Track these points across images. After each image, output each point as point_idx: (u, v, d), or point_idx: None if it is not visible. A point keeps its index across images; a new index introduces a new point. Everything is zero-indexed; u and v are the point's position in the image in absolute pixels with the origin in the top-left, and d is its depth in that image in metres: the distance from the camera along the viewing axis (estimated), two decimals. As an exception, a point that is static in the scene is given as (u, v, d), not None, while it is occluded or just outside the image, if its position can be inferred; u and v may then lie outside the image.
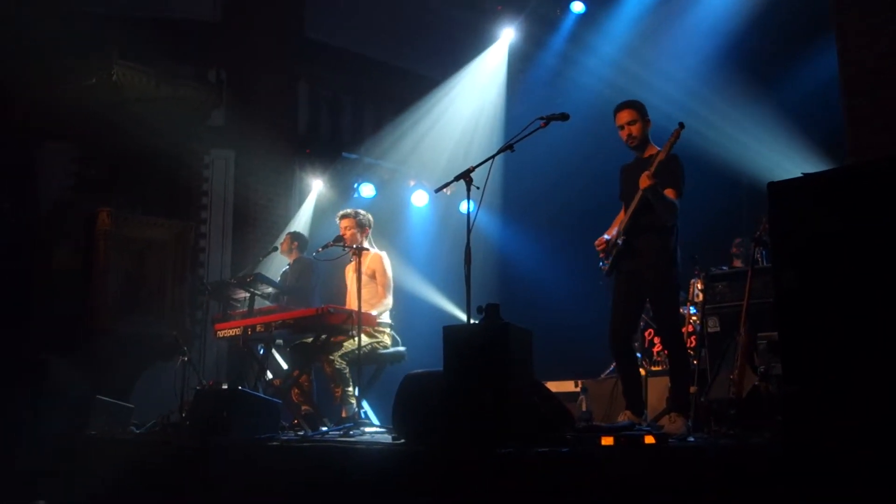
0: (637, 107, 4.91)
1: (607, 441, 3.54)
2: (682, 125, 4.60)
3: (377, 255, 6.27)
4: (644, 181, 4.56)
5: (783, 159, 7.41)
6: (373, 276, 6.20)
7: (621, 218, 5.01)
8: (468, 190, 4.50)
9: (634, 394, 4.87)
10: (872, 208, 2.64)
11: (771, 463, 3.39)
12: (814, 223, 2.77)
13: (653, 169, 4.58)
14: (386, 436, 4.89)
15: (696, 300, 6.71)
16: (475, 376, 3.66)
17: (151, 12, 8.63)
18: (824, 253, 2.73)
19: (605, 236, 5.01)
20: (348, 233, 6.23)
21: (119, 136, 7.63)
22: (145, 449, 5.42)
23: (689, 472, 3.58)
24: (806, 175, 2.89)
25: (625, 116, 4.90)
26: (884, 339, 2.55)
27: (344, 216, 6.35)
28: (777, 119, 7.65)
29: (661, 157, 4.62)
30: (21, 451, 5.84)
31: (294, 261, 7.55)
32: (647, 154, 4.88)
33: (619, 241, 4.84)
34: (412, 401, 4.18)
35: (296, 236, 7.77)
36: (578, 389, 6.70)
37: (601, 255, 4.99)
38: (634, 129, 4.87)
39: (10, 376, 6.51)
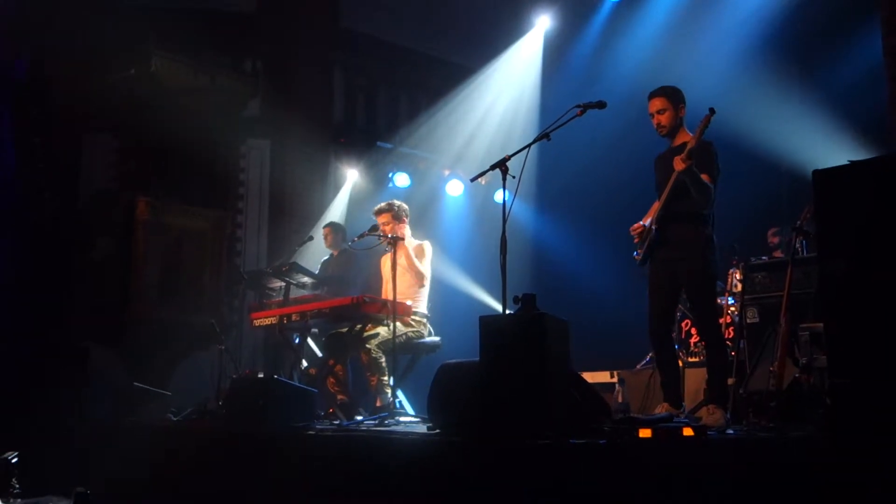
0: (669, 94, 4.82)
1: (645, 433, 3.50)
2: (712, 111, 4.51)
3: (420, 245, 6.27)
4: (678, 163, 4.49)
5: (823, 147, 7.26)
6: (413, 264, 6.17)
7: (656, 207, 4.94)
8: (504, 179, 4.46)
9: (673, 385, 4.82)
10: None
11: (812, 456, 3.32)
12: (862, 211, 2.69)
13: (686, 152, 4.50)
14: (421, 426, 4.89)
15: (734, 290, 6.60)
16: (511, 367, 3.64)
17: (188, 3, 8.69)
18: (873, 242, 2.65)
19: (642, 223, 4.95)
20: (387, 227, 6.19)
21: (157, 126, 7.70)
22: (182, 436, 5.48)
23: (729, 464, 3.53)
24: (853, 162, 2.82)
25: (655, 104, 4.83)
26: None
27: (379, 212, 6.30)
28: (817, 106, 7.50)
29: (691, 143, 4.54)
30: (62, 439, 5.94)
31: (340, 252, 7.55)
32: (679, 142, 4.81)
33: (653, 229, 4.78)
34: (447, 391, 4.17)
35: (338, 227, 7.76)
36: (615, 380, 6.64)
37: (636, 241, 4.93)
38: (664, 119, 4.81)
39: (53, 364, 6.63)
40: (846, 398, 2.64)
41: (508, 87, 9.97)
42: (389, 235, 6.00)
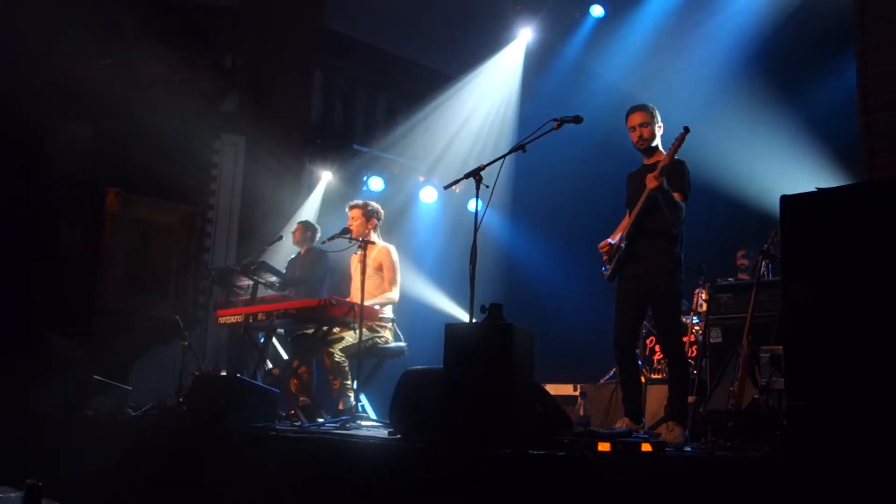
0: (650, 110, 4.93)
1: (604, 447, 3.52)
2: (686, 129, 4.58)
3: (385, 248, 6.26)
4: (651, 181, 4.56)
5: (793, 172, 7.36)
6: (379, 269, 6.19)
7: (625, 223, 5.00)
8: (477, 188, 4.49)
9: (634, 401, 4.87)
10: (890, 227, 2.61)
11: (768, 477, 3.36)
12: (827, 238, 2.74)
13: (658, 170, 4.57)
14: (382, 430, 4.88)
15: (699, 310, 6.68)
16: (475, 375, 3.64)
17: (170, -5, 8.62)
18: (837, 269, 2.70)
19: (609, 240, 5.01)
20: (355, 223, 6.22)
21: (132, 116, 7.63)
22: (140, 431, 5.41)
23: (685, 481, 3.56)
24: (821, 189, 2.86)
25: (637, 118, 4.91)
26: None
27: (353, 206, 6.36)
28: (791, 131, 7.61)
29: (664, 161, 4.61)
30: (17, 428, 5.84)
31: (307, 251, 7.53)
32: (653, 160, 4.89)
33: (622, 246, 4.83)
34: (411, 397, 4.17)
35: (308, 226, 7.74)
36: (577, 394, 6.67)
37: (604, 259, 4.98)
38: (646, 132, 4.88)
39: (11, 352, 6.52)
40: (802, 420, 2.68)
41: (488, 97, 10.01)
42: (360, 239, 5.99)
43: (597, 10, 9.54)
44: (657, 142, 4.93)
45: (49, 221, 7.32)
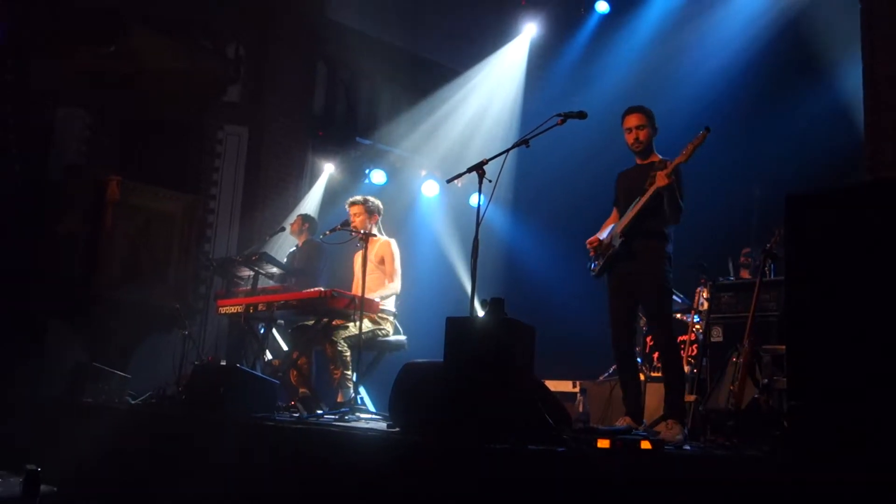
0: (647, 112, 4.93)
1: (603, 444, 3.51)
2: (708, 129, 4.58)
3: (386, 242, 6.27)
4: (663, 178, 4.57)
5: (797, 171, 7.34)
6: (381, 263, 6.21)
7: (612, 221, 5.01)
8: (480, 183, 4.47)
9: (634, 400, 4.86)
10: (894, 226, 2.60)
11: (767, 476, 3.35)
12: (831, 238, 2.73)
13: (670, 168, 4.59)
14: (381, 423, 4.88)
15: (700, 308, 6.66)
16: (475, 369, 3.64)
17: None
18: (841, 269, 2.69)
19: (599, 236, 5.01)
20: (358, 219, 6.22)
21: (134, 105, 7.61)
22: (139, 419, 5.41)
23: (684, 480, 3.55)
24: (826, 188, 2.85)
25: (634, 120, 4.90)
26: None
27: (353, 203, 6.35)
28: (794, 129, 7.59)
29: (680, 159, 4.62)
30: (15, 415, 5.85)
31: (303, 243, 7.53)
32: (647, 161, 4.89)
33: (616, 244, 4.82)
34: (410, 390, 4.16)
35: (307, 218, 7.74)
36: (577, 390, 6.67)
37: (591, 255, 4.98)
38: (642, 134, 4.88)
39: (10, 339, 6.52)
40: (802, 420, 2.67)
41: (491, 92, 9.99)
42: (361, 231, 6.00)
43: (602, 7, 9.52)
44: (652, 144, 4.94)
45: (49, 209, 7.31)
